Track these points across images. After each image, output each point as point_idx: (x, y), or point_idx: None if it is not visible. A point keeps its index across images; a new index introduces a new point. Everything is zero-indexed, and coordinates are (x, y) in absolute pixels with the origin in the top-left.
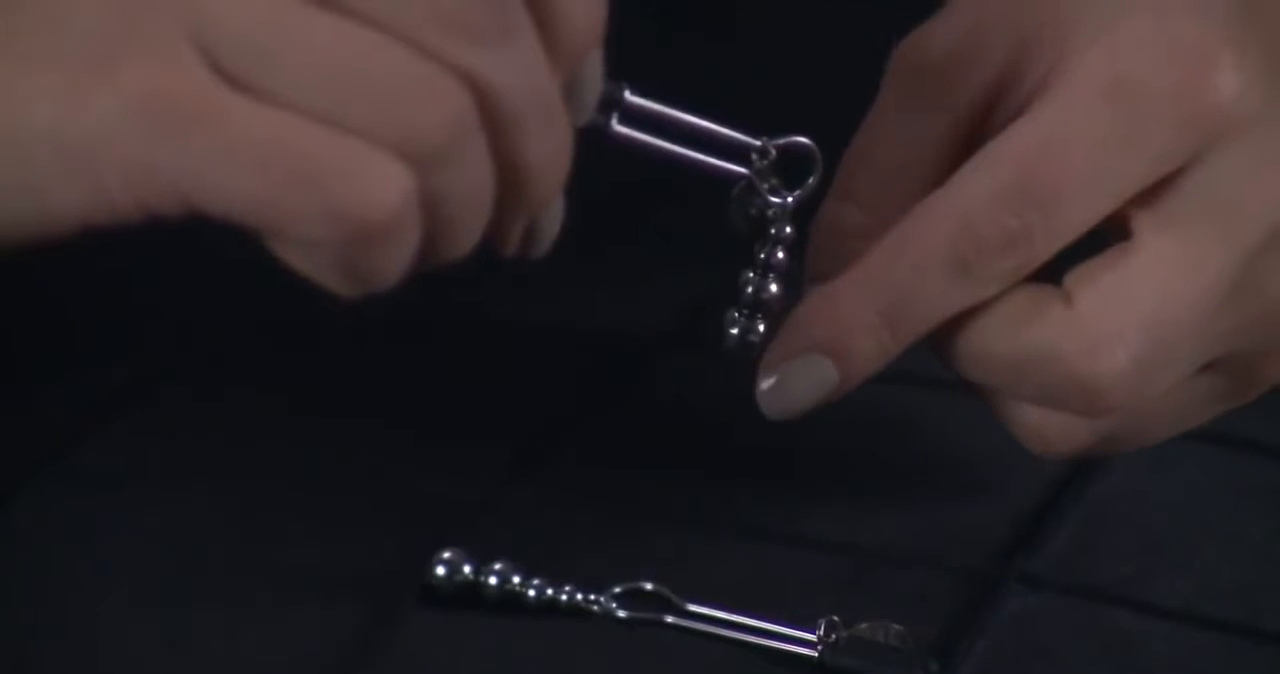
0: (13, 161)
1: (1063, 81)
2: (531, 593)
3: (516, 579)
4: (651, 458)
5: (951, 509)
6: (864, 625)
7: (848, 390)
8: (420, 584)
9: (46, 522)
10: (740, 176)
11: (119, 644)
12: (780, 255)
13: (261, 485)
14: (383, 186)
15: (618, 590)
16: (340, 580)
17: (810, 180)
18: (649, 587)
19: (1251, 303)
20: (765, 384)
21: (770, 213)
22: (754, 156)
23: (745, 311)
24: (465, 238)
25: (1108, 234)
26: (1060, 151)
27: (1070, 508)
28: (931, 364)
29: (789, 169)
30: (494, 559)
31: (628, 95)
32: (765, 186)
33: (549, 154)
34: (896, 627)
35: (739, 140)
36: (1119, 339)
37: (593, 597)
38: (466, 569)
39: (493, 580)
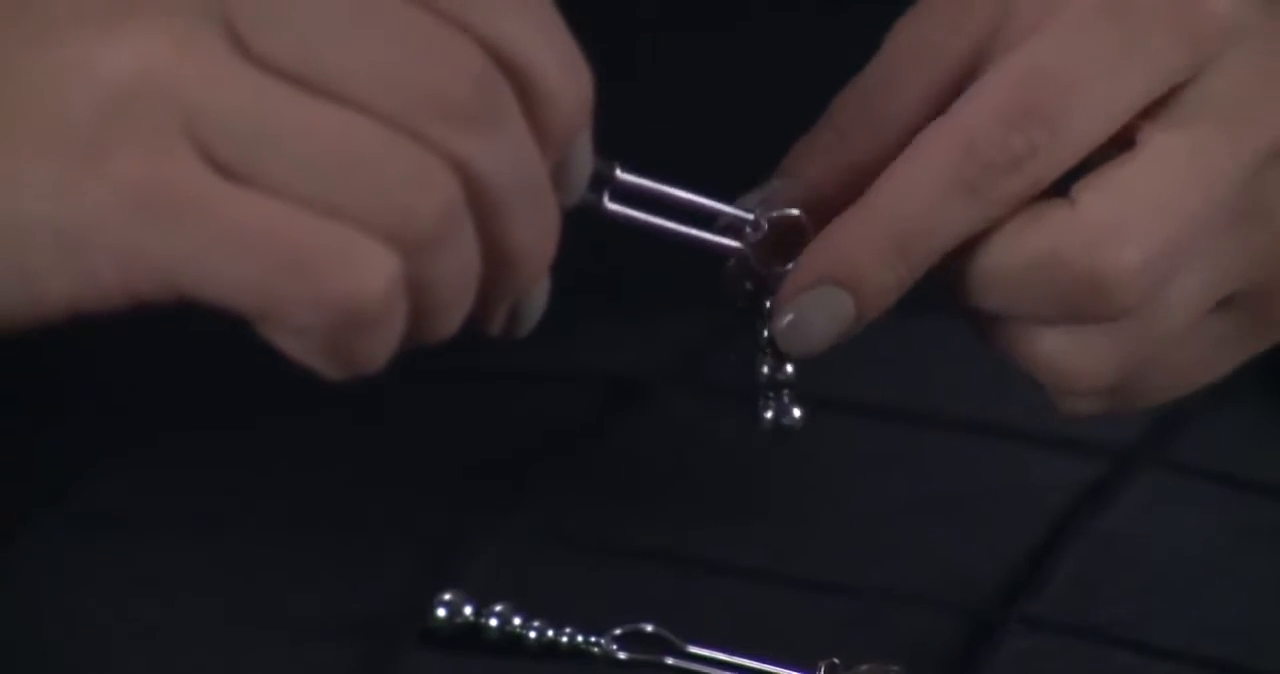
0: (6, 247)
1: (1060, 7)
2: (532, 635)
3: (517, 621)
4: (651, 498)
5: (951, 549)
6: (864, 667)
7: (866, 322)
8: (420, 626)
9: (44, 565)
10: (734, 251)
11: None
12: None
13: (261, 529)
14: (371, 274)
15: (618, 632)
16: (340, 622)
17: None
18: (649, 628)
19: (1262, 225)
20: (783, 321)
21: (769, 285)
22: (747, 230)
23: (770, 394)
24: (451, 320)
25: None
26: (1060, 69)
27: (1069, 547)
28: (931, 398)
29: (782, 241)
30: (494, 601)
31: (619, 173)
32: (758, 259)
33: (536, 238)
34: (896, 668)
35: (732, 214)
36: (1124, 232)
37: (593, 638)
38: (467, 611)
39: (493, 622)
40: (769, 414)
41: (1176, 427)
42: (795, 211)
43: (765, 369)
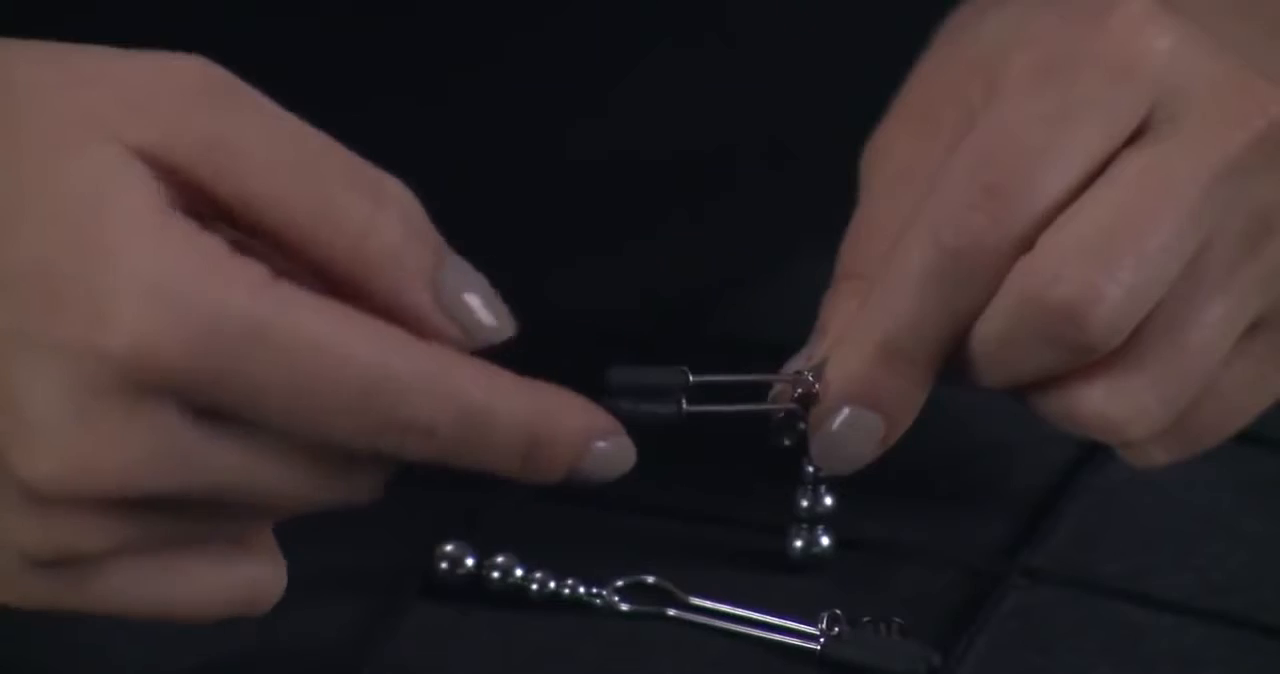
0: None
1: (999, 78)
2: (534, 586)
3: (519, 573)
4: (653, 451)
5: (953, 503)
6: (866, 619)
7: (901, 431)
8: (423, 577)
9: None
10: (788, 410)
11: (123, 637)
12: None
13: None
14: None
15: (620, 584)
16: (343, 574)
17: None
18: (651, 580)
19: (1268, 242)
20: (816, 449)
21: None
22: (796, 389)
23: (805, 525)
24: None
25: None
26: (1006, 142)
27: (1071, 502)
28: None
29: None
30: (496, 552)
31: (690, 378)
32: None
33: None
34: (898, 620)
35: (782, 378)
36: (1082, 257)
37: (595, 590)
38: (469, 562)
39: (495, 574)
40: (799, 543)
41: None
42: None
43: (805, 502)
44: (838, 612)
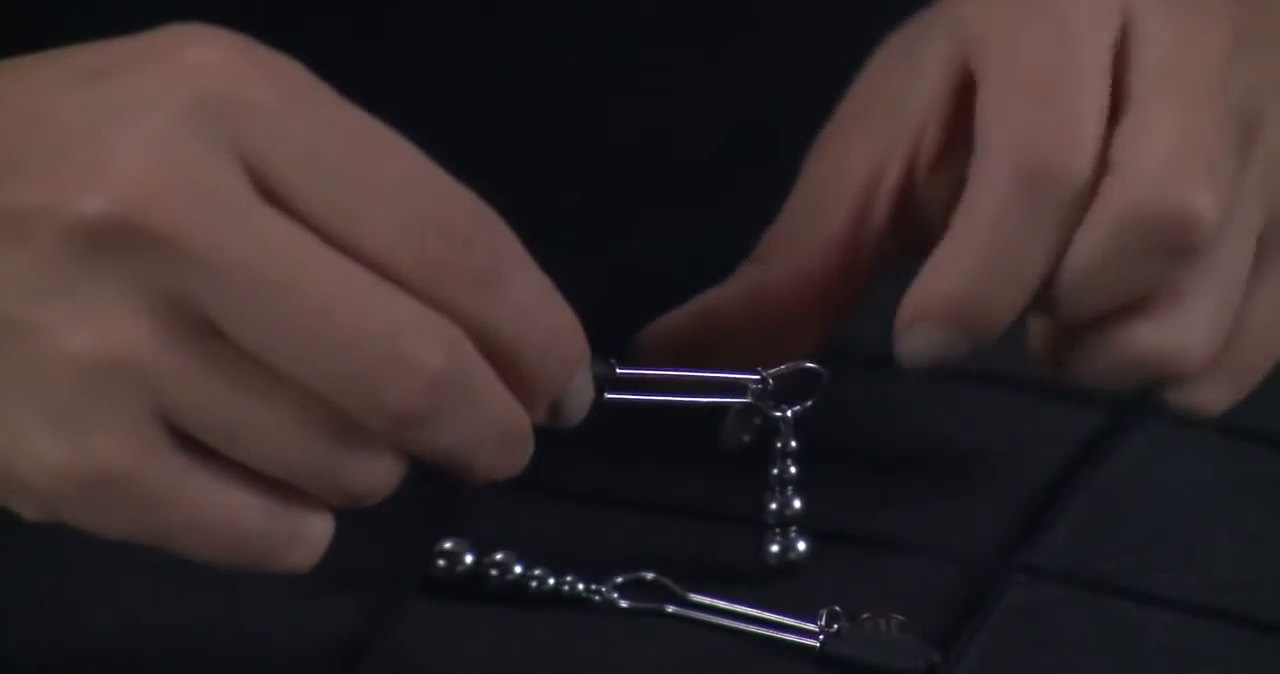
0: None
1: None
2: (533, 583)
3: (518, 569)
4: (651, 449)
5: (953, 499)
6: (865, 615)
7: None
8: (422, 574)
9: None
10: (744, 405)
11: (121, 632)
12: (793, 469)
13: None
14: (314, 549)
15: (619, 580)
16: (342, 571)
17: (811, 398)
18: (650, 577)
19: (1260, 137)
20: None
21: (781, 425)
22: (752, 386)
23: (778, 530)
24: (489, 453)
25: None
26: (1032, 64)
27: (1071, 498)
28: None
29: (792, 387)
30: (495, 549)
31: (618, 370)
32: (766, 405)
33: (552, 362)
34: (898, 617)
35: (736, 379)
36: (1169, 168)
37: (594, 587)
38: (468, 559)
39: (494, 571)
40: (774, 548)
41: None
42: (810, 365)
43: (774, 505)
44: (837, 608)
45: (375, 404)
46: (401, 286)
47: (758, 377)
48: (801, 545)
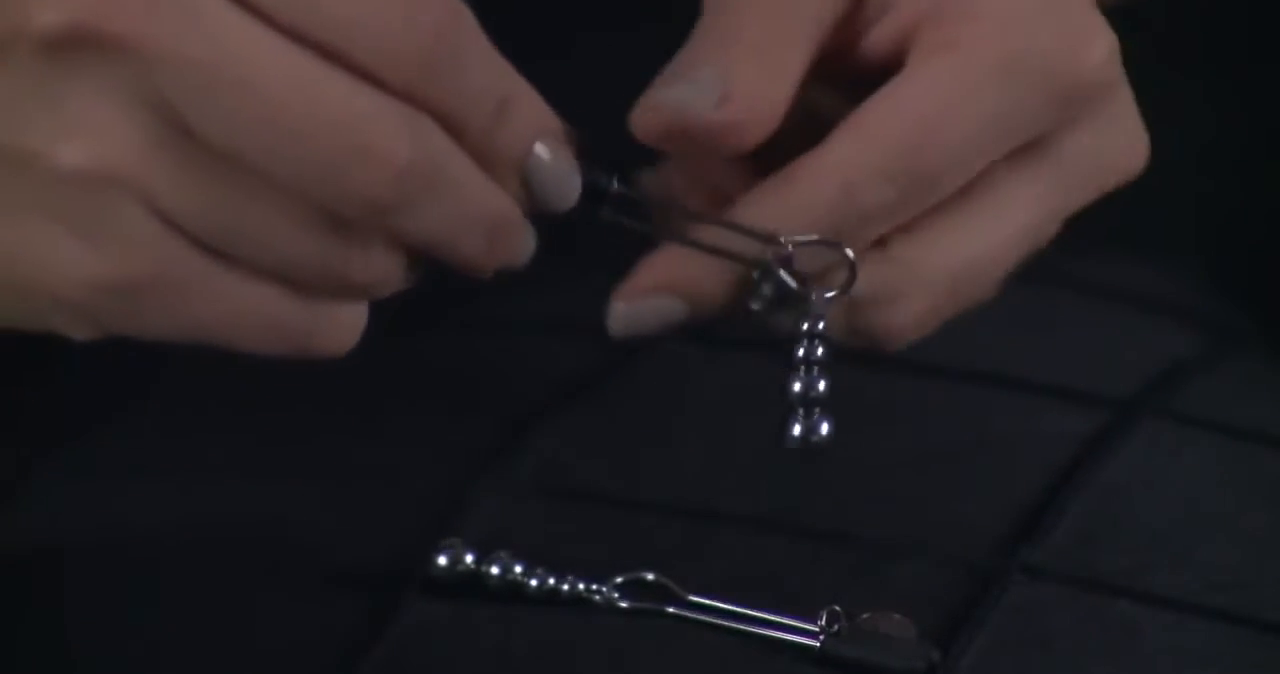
0: (10, 299)
1: (955, 48)
2: (533, 583)
3: (518, 569)
4: (652, 448)
5: (953, 499)
6: (866, 616)
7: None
8: (422, 574)
9: (51, 512)
10: (771, 260)
11: (120, 633)
12: (819, 351)
13: (260, 481)
14: (349, 331)
15: (619, 581)
16: (342, 571)
17: (845, 284)
18: (651, 577)
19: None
20: (615, 309)
21: (813, 306)
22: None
23: (801, 410)
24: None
25: None
26: (947, 127)
27: (1071, 499)
28: (934, 350)
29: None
30: (495, 549)
31: (616, 185)
32: (784, 273)
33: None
34: (898, 617)
35: (753, 230)
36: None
37: (594, 587)
38: (468, 559)
39: (494, 570)
40: (796, 430)
41: (1178, 378)
42: (836, 242)
43: (798, 387)
44: (837, 608)
45: (344, 194)
46: (365, 79)
47: (778, 242)
48: (825, 428)
